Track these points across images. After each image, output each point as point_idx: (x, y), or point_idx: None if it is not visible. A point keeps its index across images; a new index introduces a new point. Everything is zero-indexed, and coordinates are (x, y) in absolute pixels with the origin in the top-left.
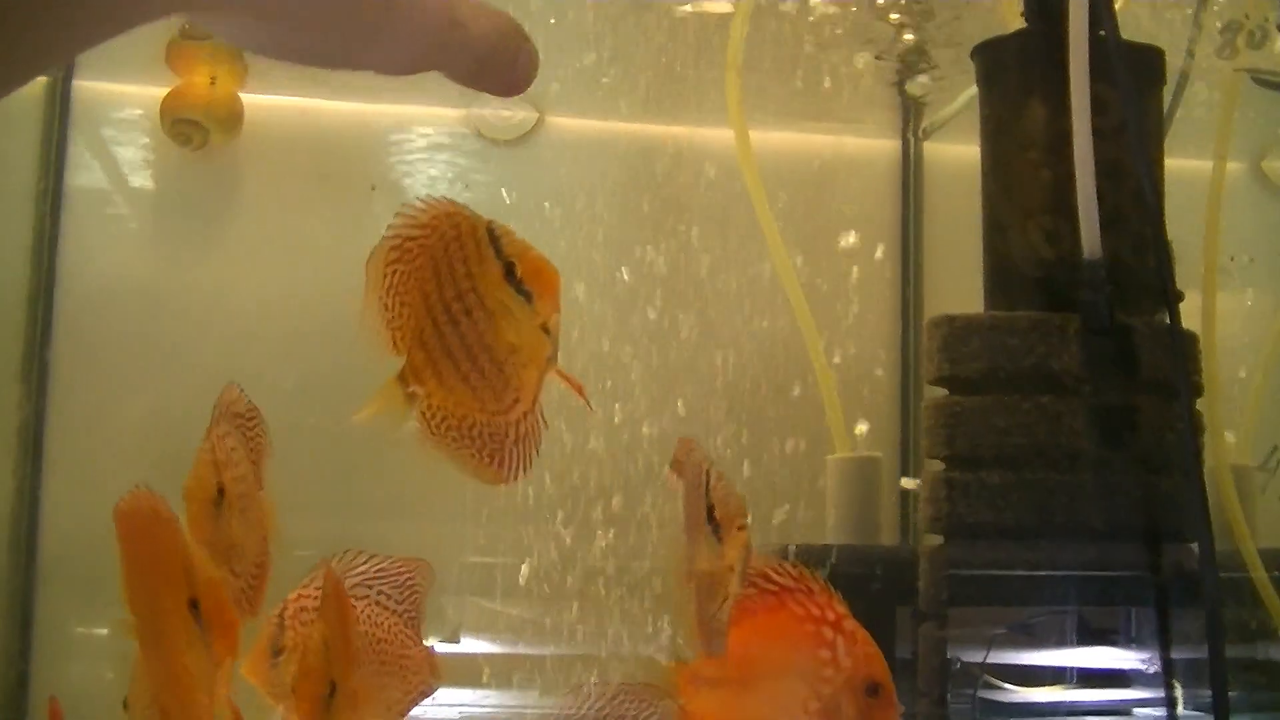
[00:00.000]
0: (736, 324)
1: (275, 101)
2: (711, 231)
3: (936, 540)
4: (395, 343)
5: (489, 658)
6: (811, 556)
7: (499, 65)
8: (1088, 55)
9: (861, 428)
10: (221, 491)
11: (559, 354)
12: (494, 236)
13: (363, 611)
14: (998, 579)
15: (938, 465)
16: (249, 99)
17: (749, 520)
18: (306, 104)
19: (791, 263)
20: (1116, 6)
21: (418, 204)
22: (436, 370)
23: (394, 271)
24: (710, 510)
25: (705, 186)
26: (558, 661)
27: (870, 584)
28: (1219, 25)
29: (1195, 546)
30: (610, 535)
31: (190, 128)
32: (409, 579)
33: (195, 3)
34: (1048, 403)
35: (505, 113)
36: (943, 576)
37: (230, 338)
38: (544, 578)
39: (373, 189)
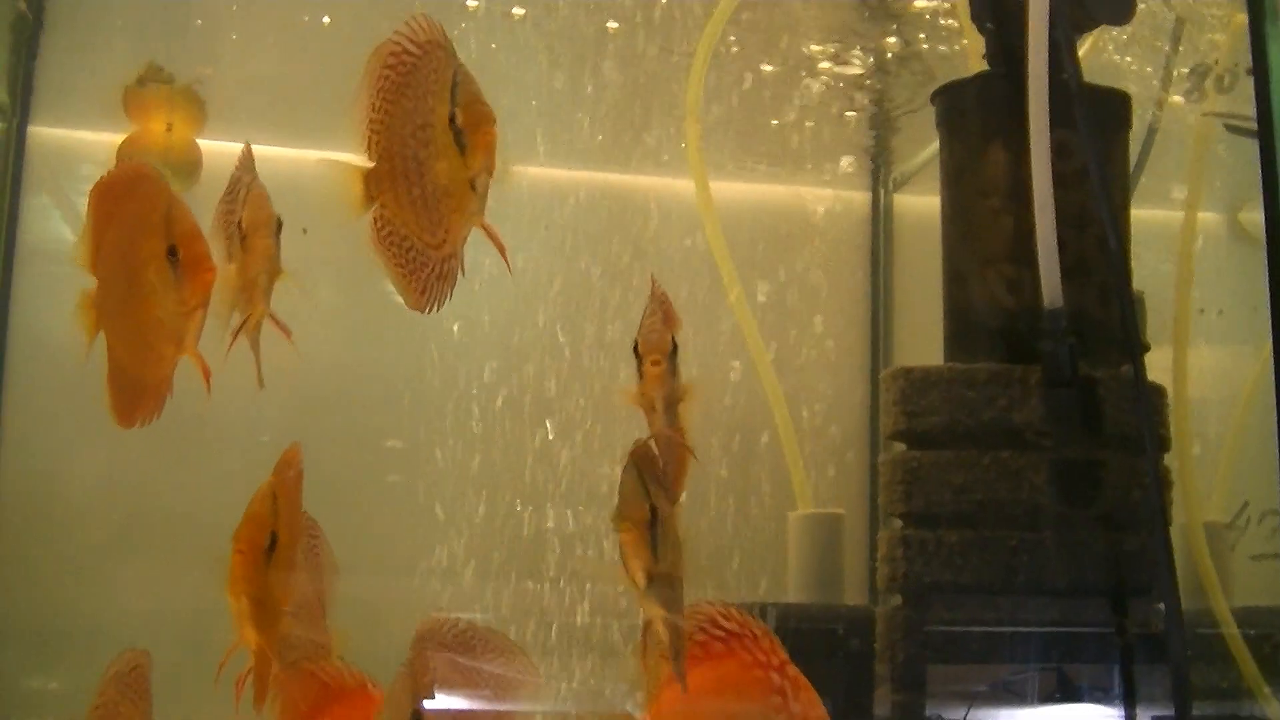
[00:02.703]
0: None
1: (234, 148)
2: (673, 284)
3: (895, 600)
4: (369, 145)
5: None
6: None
7: None
8: (1048, 98)
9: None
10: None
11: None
12: (455, 80)
13: None
14: (957, 641)
15: (895, 523)
16: (207, 145)
17: (664, 358)
18: (267, 151)
19: (754, 315)
20: (1082, 50)
21: (420, 21)
22: (394, 184)
23: (386, 77)
24: (635, 344)
25: (670, 238)
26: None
27: (832, 644)
28: (1187, 69)
29: (1162, 606)
30: (582, 594)
31: None
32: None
33: None
34: (1008, 458)
35: None
36: (900, 639)
37: (191, 396)
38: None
39: (304, 232)
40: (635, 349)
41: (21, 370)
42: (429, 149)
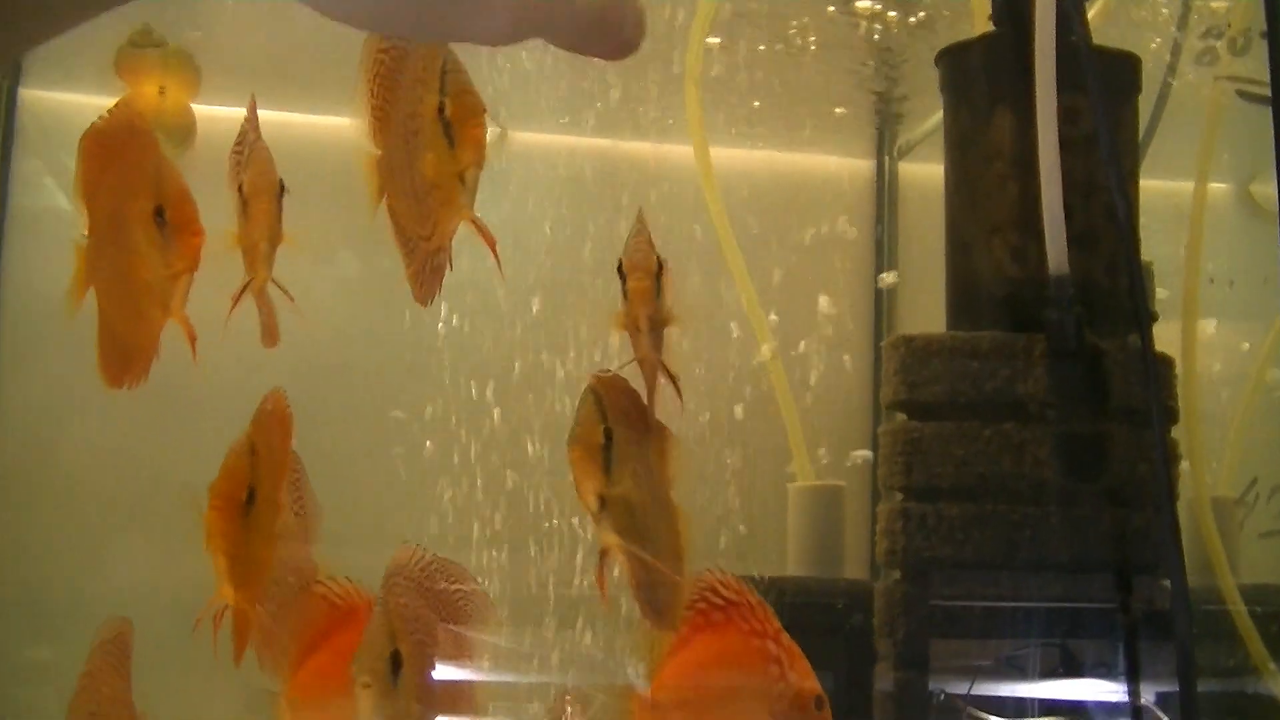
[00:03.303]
0: (698, 347)
1: (229, 113)
2: (674, 251)
3: (894, 575)
4: (375, 133)
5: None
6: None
7: (607, 28)
8: (1054, 60)
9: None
10: (283, 188)
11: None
12: (444, 69)
13: None
14: (957, 617)
15: (895, 495)
16: (202, 110)
17: (648, 275)
18: (262, 116)
19: (752, 283)
20: (1092, 11)
21: None
22: (394, 175)
23: (380, 62)
24: (619, 264)
25: (671, 204)
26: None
27: (831, 619)
28: (1200, 31)
29: (1168, 583)
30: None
31: None
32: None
33: None
34: (1011, 430)
35: None
36: (899, 616)
37: (184, 361)
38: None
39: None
40: (619, 269)
41: (14, 338)
42: (418, 139)
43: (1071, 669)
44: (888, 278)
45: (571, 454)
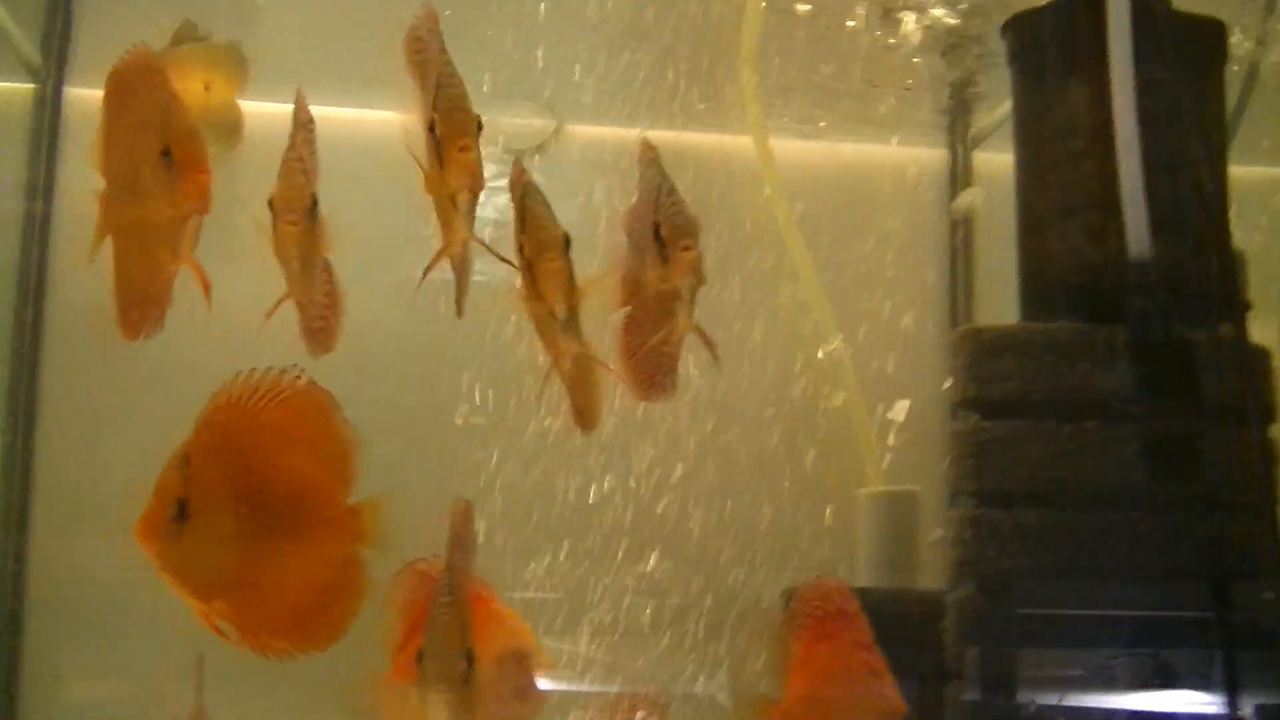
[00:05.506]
0: (764, 345)
1: (277, 109)
2: (737, 246)
3: (965, 589)
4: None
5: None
6: None
7: None
8: (1130, 27)
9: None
10: (315, 202)
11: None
12: (438, 82)
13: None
14: (1033, 635)
15: (966, 501)
16: (249, 106)
17: (697, 242)
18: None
19: (817, 277)
20: None
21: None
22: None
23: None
24: (656, 228)
25: (733, 197)
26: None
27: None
28: None
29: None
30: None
31: None
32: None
33: None
34: (1091, 429)
35: (521, 121)
36: (969, 632)
37: (233, 357)
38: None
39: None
40: (656, 232)
41: (59, 339)
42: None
43: (1166, 680)
44: (966, 197)
45: (541, 264)
